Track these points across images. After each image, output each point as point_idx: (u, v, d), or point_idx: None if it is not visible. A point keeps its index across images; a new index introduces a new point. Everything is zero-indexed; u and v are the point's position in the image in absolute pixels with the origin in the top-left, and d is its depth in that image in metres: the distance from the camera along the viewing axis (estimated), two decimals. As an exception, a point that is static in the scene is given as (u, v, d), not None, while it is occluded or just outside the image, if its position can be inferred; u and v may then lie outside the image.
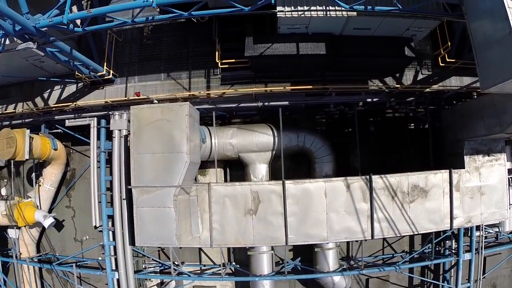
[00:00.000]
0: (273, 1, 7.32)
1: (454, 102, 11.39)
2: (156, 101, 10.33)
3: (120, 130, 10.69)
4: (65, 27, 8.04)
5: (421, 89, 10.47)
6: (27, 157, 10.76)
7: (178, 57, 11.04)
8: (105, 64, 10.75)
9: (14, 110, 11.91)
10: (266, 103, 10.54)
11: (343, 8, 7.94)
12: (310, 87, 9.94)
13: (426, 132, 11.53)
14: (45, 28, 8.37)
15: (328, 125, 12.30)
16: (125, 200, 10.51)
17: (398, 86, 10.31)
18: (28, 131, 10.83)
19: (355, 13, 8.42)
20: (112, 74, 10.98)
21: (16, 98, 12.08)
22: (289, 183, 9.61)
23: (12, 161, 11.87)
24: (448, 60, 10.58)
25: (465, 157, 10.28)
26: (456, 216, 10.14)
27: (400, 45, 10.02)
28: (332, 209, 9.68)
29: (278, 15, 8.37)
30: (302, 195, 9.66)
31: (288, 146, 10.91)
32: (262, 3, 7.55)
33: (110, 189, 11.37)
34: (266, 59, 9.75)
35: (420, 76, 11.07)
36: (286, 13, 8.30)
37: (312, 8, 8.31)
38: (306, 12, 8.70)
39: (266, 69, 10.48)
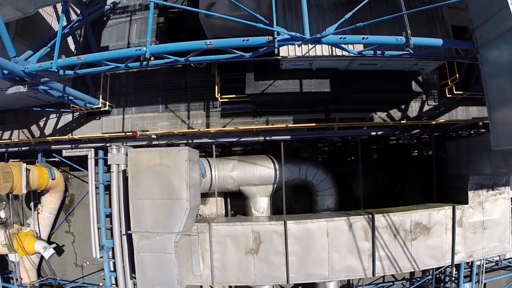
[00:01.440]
0: (276, 51, 6.95)
1: (460, 132, 11.12)
2: (154, 136, 10.07)
3: (118, 164, 10.44)
4: (55, 71, 7.69)
5: (427, 123, 10.19)
6: (24, 191, 10.60)
7: (176, 88, 10.69)
8: (100, 96, 10.39)
9: (10, 138, 11.70)
10: (267, 138, 10.26)
11: (351, 54, 7.56)
12: (313, 124, 9.66)
13: (429, 159, 11.37)
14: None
15: (330, 153, 12.07)
16: (125, 235, 10.40)
17: (404, 121, 10.03)
18: (24, 165, 10.59)
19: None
20: (109, 105, 10.65)
21: (12, 125, 11.81)
22: (290, 223, 9.50)
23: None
24: (455, 92, 10.29)
25: (469, 192, 10.10)
26: (457, 251, 10.10)
27: (408, 79, 9.68)
28: (333, 248, 9.62)
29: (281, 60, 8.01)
30: (303, 235, 9.56)
31: (289, 179, 10.74)
32: (265, 50, 7.19)
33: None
34: (267, 96, 9.43)
35: (426, 107, 10.78)
36: (290, 57, 7.91)
37: (318, 53, 7.91)
38: (311, 52, 8.37)
39: (268, 104, 10.16)
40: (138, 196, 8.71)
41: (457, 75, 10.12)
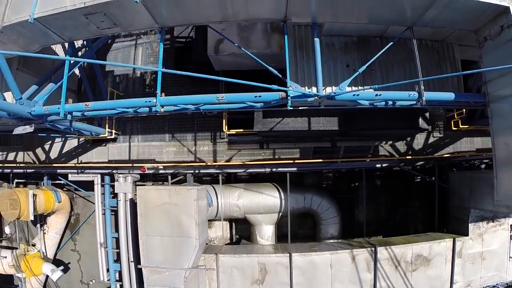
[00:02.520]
0: (289, 107, 6.91)
1: (463, 162, 11.25)
2: (161, 166, 10.12)
3: (125, 193, 10.52)
4: (62, 118, 7.64)
5: (432, 157, 10.31)
6: (32, 218, 10.69)
7: (183, 117, 10.63)
8: (107, 125, 10.34)
9: (15, 160, 11.70)
10: (274, 169, 10.34)
11: (363, 105, 7.55)
12: (320, 161, 9.74)
13: (432, 186, 11.54)
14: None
15: (334, 179, 12.19)
16: (132, 262, 10.61)
17: (410, 157, 10.14)
18: (31, 192, 10.63)
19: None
20: (115, 133, 10.61)
21: (17, 147, 11.77)
22: (295, 256, 9.72)
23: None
24: (461, 126, 10.37)
25: (469, 224, 10.35)
26: (456, 281, 10.43)
27: (415, 116, 9.71)
28: (336, 279, 9.89)
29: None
30: (308, 266, 9.80)
31: (294, 208, 10.91)
32: (277, 102, 7.15)
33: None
34: (276, 132, 9.44)
35: (431, 139, 10.87)
36: (301, 108, 7.91)
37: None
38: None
39: (275, 136, 10.18)
40: (147, 233, 8.86)
41: (464, 109, 10.16)
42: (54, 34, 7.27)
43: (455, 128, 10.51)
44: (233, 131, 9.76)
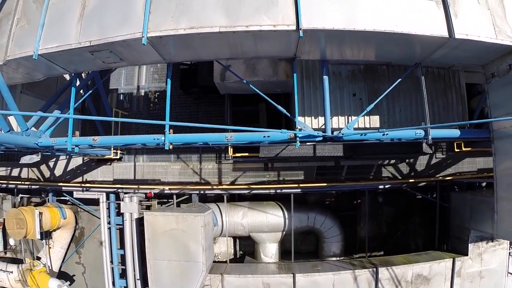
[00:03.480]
0: (297, 146, 6.97)
1: (465, 184, 11.40)
2: (167, 188, 10.21)
3: (131, 213, 10.63)
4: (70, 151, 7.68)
5: (434, 179, 10.45)
6: (38, 236, 10.79)
7: (188, 138, 10.65)
8: (112, 147, 10.36)
9: (19, 175, 11.74)
10: (278, 191, 10.46)
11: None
12: (324, 184, 9.85)
13: (433, 203, 11.71)
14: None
15: (337, 196, 12.33)
16: (139, 280, 10.80)
17: (412, 180, 10.27)
18: (37, 211, 10.70)
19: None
20: (120, 153, 10.65)
21: (22, 163, 11.78)
22: (299, 276, 9.91)
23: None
24: (463, 149, 10.49)
25: (469, 244, 10.59)
26: (454, 299, 10.75)
27: (419, 142, 9.79)
28: (339, 298, 10.16)
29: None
30: (311, 286, 10.03)
31: (298, 227, 11.07)
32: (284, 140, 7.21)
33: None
34: (281, 157, 9.52)
35: (434, 160, 10.99)
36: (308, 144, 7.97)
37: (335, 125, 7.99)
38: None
39: (280, 159, 10.26)
40: (155, 257, 9.01)
41: (467, 131, 10.25)
42: (58, 67, 7.24)
43: (458, 150, 10.62)
44: (239, 155, 9.83)
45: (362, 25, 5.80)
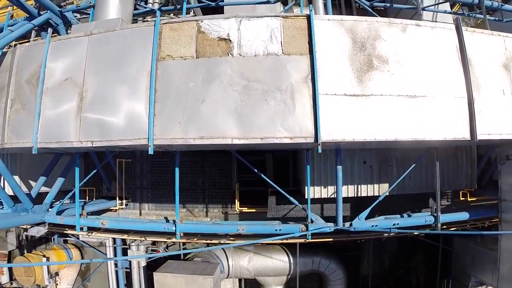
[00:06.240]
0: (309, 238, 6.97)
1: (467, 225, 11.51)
2: (174, 240, 10.20)
3: (138, 261, 10.71)
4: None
5: (437, 233, 10.51)
6: (47, 283, 10.92)
7: (193, 187, 10.55)
8: (117, 198, 10.28)
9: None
10: (285, 241, 10.50)
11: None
12: (331, 239, 9.88)
13: (436, 240, 11.91)
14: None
15: (342, 237, 12.45)
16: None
17: (416, 232, 10.30)
18: (45, 259, 10.76)
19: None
20: (125, 199, 10.59)
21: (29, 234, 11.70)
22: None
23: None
24: (469, 199, 10.49)
25: (470, 289, 10.91)
26: None
27: (426, 196, 9.79)
28: None
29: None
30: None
31: (303, 271, 11.27)
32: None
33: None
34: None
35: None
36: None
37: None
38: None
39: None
40: (165, 315, 9.20)
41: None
42: (58, 152, 7.02)
43: (463, 199, 10.62)
44: (245, 210, 9.80)
45: (383, 136, 5.62)
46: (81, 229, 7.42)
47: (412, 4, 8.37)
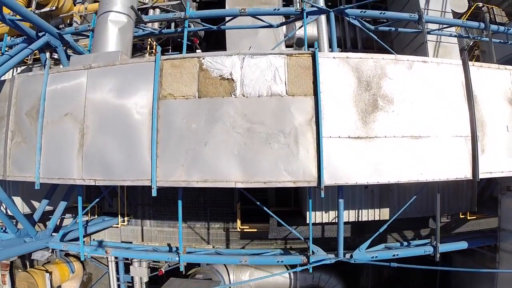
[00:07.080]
0: (310, 270, 7.03)
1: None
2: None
3: (140, 277, 10.82)
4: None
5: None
6: (50, 298, 11.04)
7: (195, 205, 10.58)
8: (119, 216, 10.31)
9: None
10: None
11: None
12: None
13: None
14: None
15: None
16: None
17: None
18: (48, 274, 10.85)
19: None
20: (127, 215, 10.63)
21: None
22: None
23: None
24: (469, 217, 10.58)
25: (468, 306, 11.06)
26: None
27: (426, 219, 9.86)
28: None
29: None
30: None
31: (303, 286, 11.42)
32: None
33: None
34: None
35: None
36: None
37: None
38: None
39: (287, 232, 10.31)
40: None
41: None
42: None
43: (463, 216, 10.70)
44: (247, 230, 9.85)
45: (386, 178, 5.61)
46: (86, 257, 7.46)
47: (416, 28, 8.22)
